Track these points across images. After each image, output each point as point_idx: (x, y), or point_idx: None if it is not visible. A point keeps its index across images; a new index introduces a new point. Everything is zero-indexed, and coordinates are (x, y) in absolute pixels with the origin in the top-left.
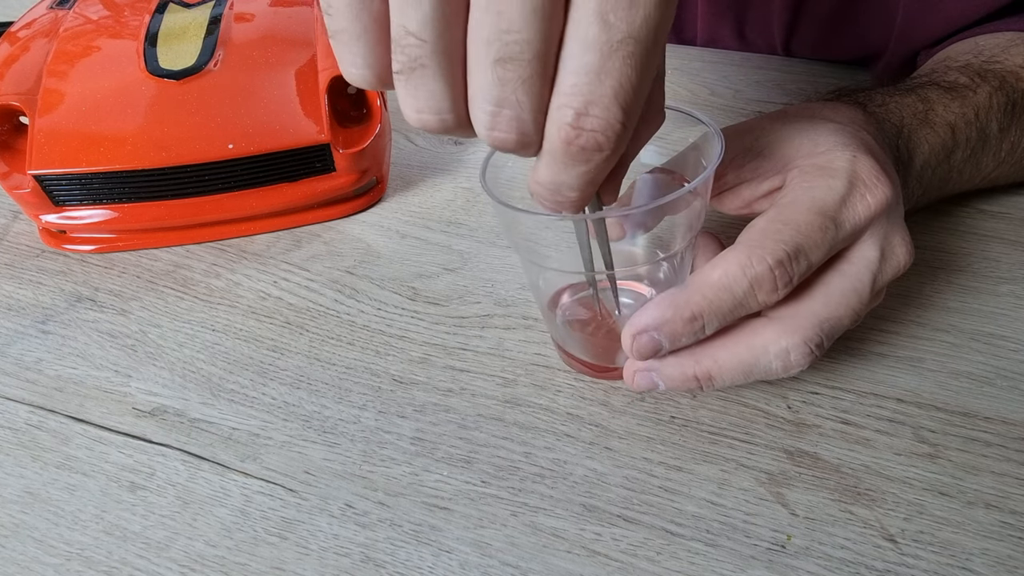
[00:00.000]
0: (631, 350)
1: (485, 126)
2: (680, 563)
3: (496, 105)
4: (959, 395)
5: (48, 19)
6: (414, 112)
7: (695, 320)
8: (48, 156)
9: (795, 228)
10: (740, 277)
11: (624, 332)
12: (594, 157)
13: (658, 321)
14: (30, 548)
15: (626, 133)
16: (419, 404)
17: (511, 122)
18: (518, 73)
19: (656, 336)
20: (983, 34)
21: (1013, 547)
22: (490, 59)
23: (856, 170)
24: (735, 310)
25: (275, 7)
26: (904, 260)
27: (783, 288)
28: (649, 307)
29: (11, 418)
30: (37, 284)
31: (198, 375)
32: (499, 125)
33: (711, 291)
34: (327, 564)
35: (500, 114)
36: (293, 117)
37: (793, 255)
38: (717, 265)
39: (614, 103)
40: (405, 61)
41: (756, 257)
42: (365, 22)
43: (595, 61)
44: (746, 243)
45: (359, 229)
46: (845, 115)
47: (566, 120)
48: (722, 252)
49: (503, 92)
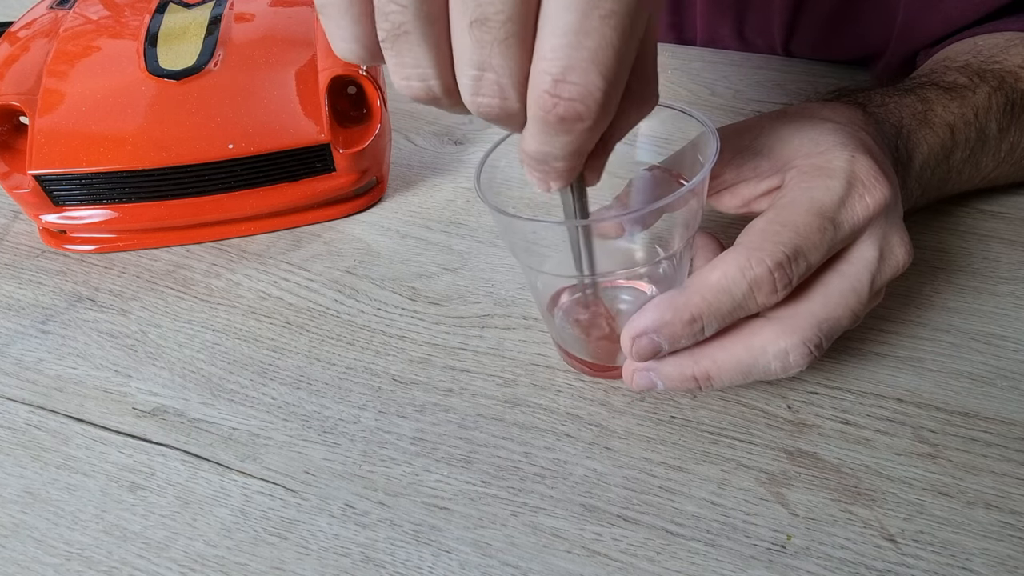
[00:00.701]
0: (631, 352)
1: (469, 91)
2: (680, 563)
3: (477, 69)
4: (959, 395)
5: (48, 19)
6: (402, 80)
7: (694, 322)
8: (48, 156)
9: (794, 230)
10: (739, 279)
11: (623, 334)
12: (575, 127)
13: (657, 323)
14: (30, 548)
15: (608, 103)
16: (419, 404)
17: (492, 86)
18: (494, 34)
19: (655, 338)
20: (982, 34)
21: (1013, 547)
22: (467, 21)
23: (854, 170)
24: (734, 312)
25: (275, 7)
26: (903, 260)
27: (782, 290)
28: (648, 309)
29: (11, 418)
30: (37, 284)
31: (198, 375)
32: (481, 90)
33: (710, 293)
34: (327, 564)
35: (482, 78)
36: (293, 117)
37: (792, 257)
38: (716, 267)
39: (593, 68)
40: (389, 28)
41: (755, 259)
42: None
43: (573, 21)
44: (745, 245)
45: (359, 229)
46: (844, 115)
47: (544, 87)
48: (721, 254)
49: (481, 55)
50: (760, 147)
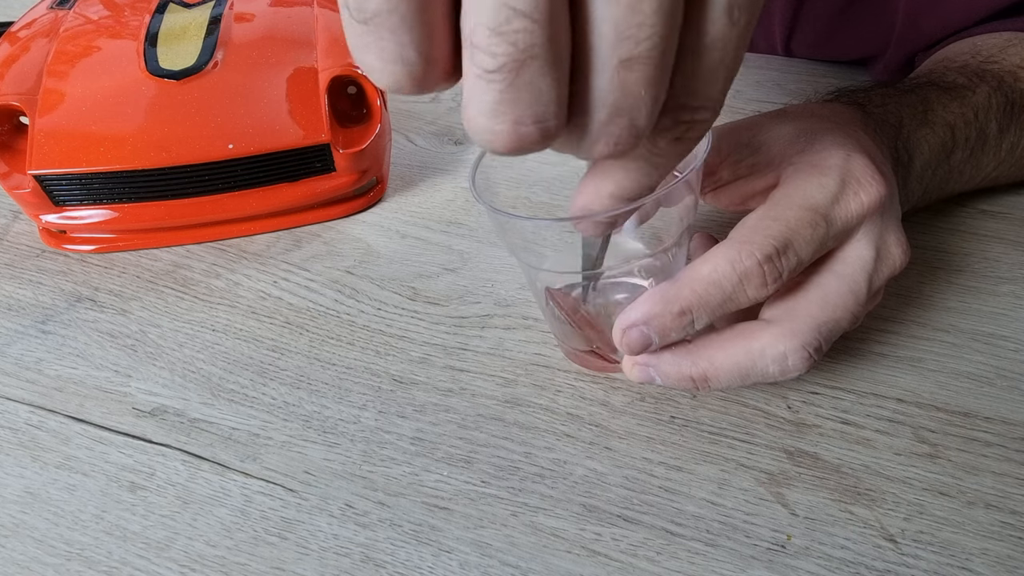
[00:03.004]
0: (621, 343)
1: (595, 133)
2: (680, 563)
3: (612, 111)
4: (959, 395)
5: (48, 19)
6: (511, 123)
7: (684, 315)
8: (48, 156)
9: (784, 224)
10: (729, 272)
11: (615, 326)
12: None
13: (647, 315)
14: (30, 548)
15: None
16: (419, 404)
17: (627, 131)
18: (643, 73)
19: (645, 330)
20: (980, 34)
21: (1013, 547)
22: (616, 58)
23: (849, 168)
24: (724, 304)
25: (275, 7)
26: (900, 260)
27: (772, 283)
28: (639, 301)
29: (11, 418)
30: (37, 284)
31: (198, 375)
32: (612, 134)
33: (700, 286)
34: (327, 564)
35: (613, 123)
36: (293, 117)
37: (781, 250)
38: (707, 260)
39: (722, 94)
40: (512, 54)
41: (745, 252)
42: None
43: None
44: (736, 238)
45: (359, 229)
46: (844, 116)
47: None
48: (713, 248)
49: (624, 98)
50: (758, 145)
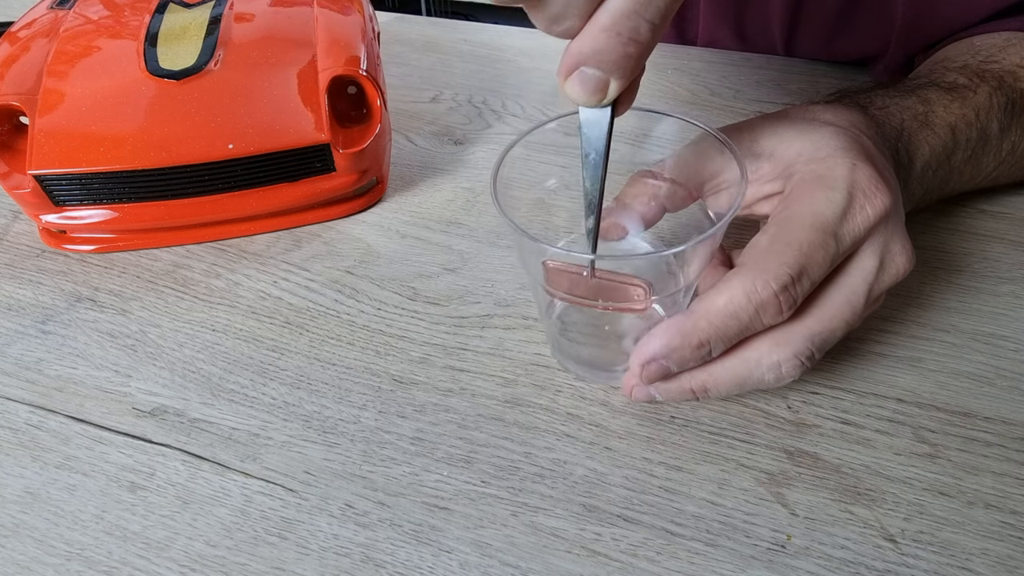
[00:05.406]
0: (641, 377)
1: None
2: (680, 563)
3: None
4: (959, 395)
5: (48, 19)
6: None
7: (702, 347)
8: (48, 156)
9: (798, 249)
10: (746, 304)
11: (632, 359)
12: None
13: (667, 349)
14: (30, 548)
15: None
16: (419, 404)
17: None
18: None
19: (664, 363)
20: (980, 34)
21: (1013, 547)
22: None
23: (855, 179)
24: (741, 333)
25: (275, 7)
26: (903, 267)
27: (788, 310)
28: (656, 334)
29: (11, 418)
30: (37, 284)
31: (198, 375)
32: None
33: (717, 318)
34: (327, 564)
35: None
36: (293, 117)
37: (796, 278)
38: (722, 292)
39: None
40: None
41: (760, 282)
42: None
43: None
44: (749, 267)
45: (359, 229)
46: (846, 118)
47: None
48: (726, 276)
49: None
50: (761, 150)
